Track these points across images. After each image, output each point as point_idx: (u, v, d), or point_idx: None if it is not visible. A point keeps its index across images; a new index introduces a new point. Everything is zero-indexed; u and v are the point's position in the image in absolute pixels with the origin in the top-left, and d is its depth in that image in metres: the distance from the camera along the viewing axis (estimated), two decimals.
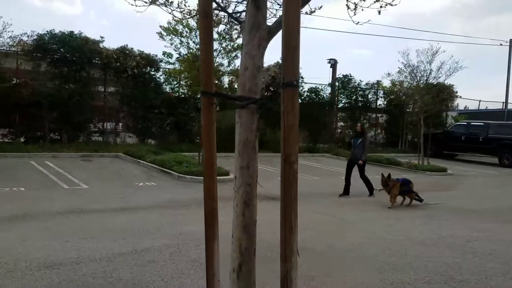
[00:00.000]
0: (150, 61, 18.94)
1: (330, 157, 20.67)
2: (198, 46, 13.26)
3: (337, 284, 4.63)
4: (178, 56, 16.17)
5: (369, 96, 25.80)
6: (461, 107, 34.16)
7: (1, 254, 5.07)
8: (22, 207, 7.80)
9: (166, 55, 18.34)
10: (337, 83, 25.26)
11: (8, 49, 16.09)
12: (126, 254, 5.32)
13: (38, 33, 16.66)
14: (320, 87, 24.05)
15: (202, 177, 8.66)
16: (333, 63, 26.51)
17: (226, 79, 18.73)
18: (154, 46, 44.97)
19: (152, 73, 19.50)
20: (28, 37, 16.57)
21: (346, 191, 10.66)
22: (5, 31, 15.54)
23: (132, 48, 18.64)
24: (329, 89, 24.76)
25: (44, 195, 9.10)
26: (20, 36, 16.37)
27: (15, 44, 16.17)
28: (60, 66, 16.99)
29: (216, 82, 12.87)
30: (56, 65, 17.01)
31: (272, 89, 21.86)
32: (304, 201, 8.50)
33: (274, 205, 7.53)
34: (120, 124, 20.25)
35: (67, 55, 16.88)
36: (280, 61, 15.00)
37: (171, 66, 18.53)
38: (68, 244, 5.67)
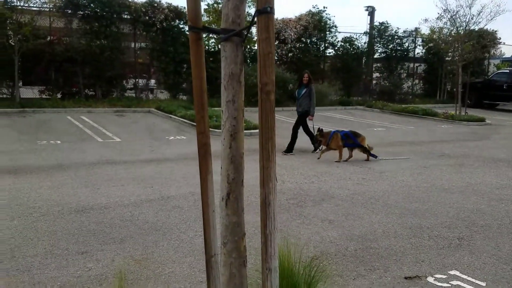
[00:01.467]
0: (178, 13, 18.75)
1: (364, 109, 20.24)
2: None
3: (354, 226, 4.67)
4: (206, 7, 15.92)
5: (407, 44, 24.60)
6: (508, 55, 32.11)
7: (35, 200, 5.41)
8: (58, 158, 8.21)
9: None
10: (373, 32, 24.21)
11: (40, 6, 16.36)
12: (153, 201, 5.55)
13: None
14: (355, 37, 23.18)
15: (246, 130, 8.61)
16: (371, 11, 25.35)
17: None
18: None
19: (181, 26, 19.35)
20: None
21: (290, 148, 9.34)
22: None
23: (160, 1, 18.49)
24: (364, 38, 23.82)
25: (78, 148, 9.51)
26: None
27: (47, 1, 16.39)
28: (90, 22, 17.17)
29: None
30: (86, 20, 17.20)
31: (303, 40, 21.31)
32: (335, 152, 8.51)
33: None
34: (152, 80, 20.51)
35: (97, 10, 16.99)
36: (313, 10, 14.42)
37: None
38: (99, 191, 5.96)
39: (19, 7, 15.31)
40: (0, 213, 4.85)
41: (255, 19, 1.55)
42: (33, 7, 15.97)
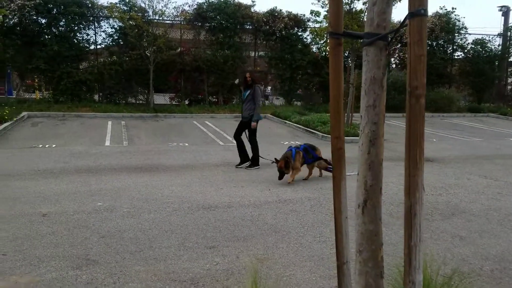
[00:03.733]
0: (297, 21, 19.12)
1: (497, 117, 18.26)
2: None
3: (489, 245, 4.21)
4: (326, 13, 15.93)
5: None
6: None
7: (168, 196, 5.95)
8: (186, 159, 8.92)
9: (313, 14, 18.26)
10: (509, 33, 21.75)
11: (173, 19, 18.02)
12: (271, 203, 5.71)
13: (198, 2, 18.28)
14: (487, 38, 21.07)
15: (347, 137, 8.68)
16: (505, 11, 22.88)
17: None
18: (302, 6, 44.88)
19: (299, 33, 19.66)
20: (189, 6, 18.34)
21: (243, 159, 8.32)
22: (170, 2, 17.46)
23: (280, 10, 19.04)
24: (498, 40, 21.53)
25: (203, 150, 10.21)
26: (182, 6, 18.22)
27: (178, 14, 18.00)
28: (216, 33, 18.42)
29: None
30: (213, 32, 18.49)
31: (429, 43, 20.02)
32: (465, 163, 7.80)
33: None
34: (269, 87, 21.17)
35: (222, 22, 18.15)
36: (440, 11, 13.53)
37: (318, 25, 18.42)
38: (222, 191, 6.32)
39: (155, 20, 17.06)
40: (142, 207, 5.43)
41: (406, 21, 1.50)
42: (166, 20, 17.67)
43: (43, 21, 17.08)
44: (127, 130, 12.63)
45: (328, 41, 15.93)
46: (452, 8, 27.47)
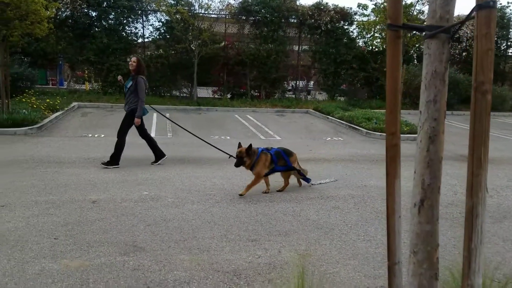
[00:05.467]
0: (344, 14, 18.78)
1: None
2: None
3: None
4: (374, 6, 15.56)
5: None
6: None
7: (210, 188, 6.02)
8: (228, 152, 8.98)
9: (361, 7, 17.86)
10: None
11: (218, 13, 18.19)
12: (313, 199, 5.65)
13: None
14: None
15: None
16: None
17: None
18: None
19: (345, 27, 19.32)
20: (234, 0, 18.42)
21: (115, 160, 7.22)
22: None
23: (326, 3, 18.78)
24: None
25: (244, 143, 10.23)
26: (227, 0, 18.35)
27: (224, 8, 18.14)
28: (260, 27, 18.42)
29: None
30: (257, 25, 18.50)
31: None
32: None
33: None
34: (312, 82, 20.97)
35: (266, 16, 18.12)
36: (507, 3, 12.70)
37: (365, 19, 18.02)
38: (263, 185, 6.30)
39: (201, 14, 17.28)
40: (186, 198, 5.53)
41: (472, 14, 1.42)
42: (212, 14, 17.87)
43: (94, 14, 17.74)
44: (171, 122, 12.88)
45: (375, 35, 15.54)
46: (508, 3, 26.01)
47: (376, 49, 19.12)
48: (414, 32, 13.41)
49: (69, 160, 7.49)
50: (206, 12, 17.51)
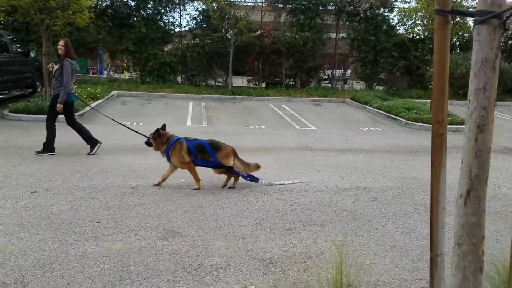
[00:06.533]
0: (384, 1, 18.29)
1: None
2: None
3: None
4: None
5: None
6: None
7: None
8: (262, 142, 9.01)
9: None
10: None
11: (254, 1, 18.13)
12: (349, 190, 5.57)
13: None
14: None
15: (427, 124, 8.02)
16: None
17: None
18: None
19: (385, 14, 18.81)
20: None
21: (48, 147, 7.00)
22: None
23: None
24: None
25: (279, 133, 10.23)
26: None
27: None
28: (297, 15, 18.21)
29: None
30: (294, 13, 18.30)
31: None
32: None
33: None
34: (349, 70, 20.58)
35: (304, 3, 17.88)
36: None
37: (406, 5, 17.46)
38: (298, 174, 6.29)
39: (237, 2, 17.25)
40: (221, 185, 5.58)
41: None
42: (248, 2, 17.81)
43: (133, 3, 18.06)
44: (206, 111, 13.03)
45: (416, 22, 14.99)
46: None
47: (417, 37, 18.51)
48: (458, 19, 12.87)
49: (109, 147, 7.72)
50: (243, 1, 17.47)
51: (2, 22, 16.27)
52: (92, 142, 7.22)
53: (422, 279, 3.18)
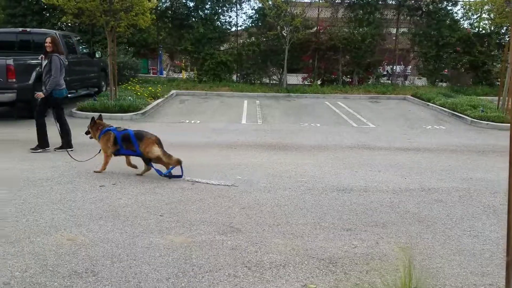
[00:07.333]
0: None
1: None
2: None
3: None
4: None
5: None
6: None
7: (301, 175, 5.99)
8: (317, 140, 8.89)
9: None
10: None
11: None
12: (412, 190, 5.35)
13: None
14: None
15: (501, 124, 7.63)
16: None
17: None
18: None
19: (449, 8, 17.91)
20: None
21: (42, 144, 6.94)
22: None
23: None
24: None
25: (336, 131, 10.05)
26: None
27: None
28: (355, 10, 17.81)
29: None
30: (352, 8, 17.92)
31: None
32: None
33: None
34: (409, 66, 19.83)
35: None
36: None
37: None
38: (357, 174, 6.15)
39: (293, 0, 17.14)
40: (277, 183, 5.58)
41: None
42: None
43: (191, 4, 18.52)
44: (261, 109, 13.09)
45: (482, 16, 14.17)
46: None
47: (483, 31, 17.46)
48: None
49: (169, 144, 7.85)
50: None
51: (70, 24, 17.35)
52: (66, 142, 7.12)
53: (492, 285, 2.99)
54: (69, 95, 11.98)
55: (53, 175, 5.56)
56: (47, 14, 17.96)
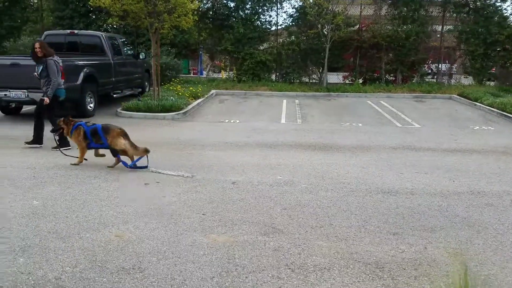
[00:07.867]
0: None
1: None
2: None
3: None
4: None
5: None
6: None
7: (344, 176, 5.87)
8: (360, 140, 8.70)
9: None
10: None
11: None
12: (461, 194, 5.13)
13: None
14: None
15: None
16: None
17: None
18: None
19: (498, 4, 17.08)
20: None
21: (36, 140, 7.20)
22: None
23: None
24: None
25: (379, 131, 9.80)
26: None
27: None
28: (399, 7, 17.35)
29: None
30: (395, 6, 17.48)
31: None
32: None
33: None
34: (455, 65, 19.08)
35: None
36: None
37: None
38: (402, 176, 5.96)
39: None
40: (319, 184, 5.50)
41: None
42: None
43: (232, 4, 18.64)
44: (300, 109, 12.98)
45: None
46: None
47: None
48: None
49: (210, 143, 8.04)
50: None
51: (115, 26, 17.90)
52: (37, 138, 7.25)
53: None
54: (114, 95, 12.45)
55: (100, 173, 5.74)
56: (93, 16, 18.62)
